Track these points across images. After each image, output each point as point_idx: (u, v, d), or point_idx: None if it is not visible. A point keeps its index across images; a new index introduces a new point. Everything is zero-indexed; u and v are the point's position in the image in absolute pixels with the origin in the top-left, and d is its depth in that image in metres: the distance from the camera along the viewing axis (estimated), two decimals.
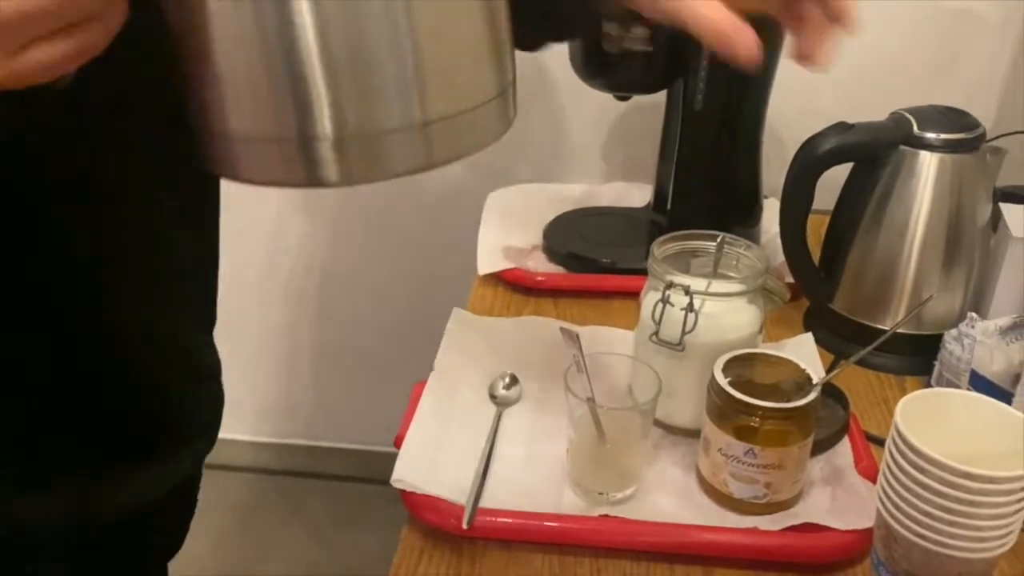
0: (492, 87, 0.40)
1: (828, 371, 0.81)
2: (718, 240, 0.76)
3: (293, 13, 0.35)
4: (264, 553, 1.63)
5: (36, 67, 0.36)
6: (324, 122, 0.36)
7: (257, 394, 1.69)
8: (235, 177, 0.39)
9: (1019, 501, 0.49)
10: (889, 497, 0.53)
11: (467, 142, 0.39)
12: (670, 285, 0.72)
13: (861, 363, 0.87)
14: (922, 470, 0.50)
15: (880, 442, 0.77)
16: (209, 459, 0.74)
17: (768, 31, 0.51)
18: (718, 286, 0.73)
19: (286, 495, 1.75)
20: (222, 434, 0.71)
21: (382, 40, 0.36)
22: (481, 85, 0.40)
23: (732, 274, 0.76)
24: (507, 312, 0.96)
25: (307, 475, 1.76)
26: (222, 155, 0.39)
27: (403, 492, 0.67)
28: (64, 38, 0.36)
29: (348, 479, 1.73)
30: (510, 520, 0.66)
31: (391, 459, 0.69)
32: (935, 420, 0.53)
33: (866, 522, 0.65)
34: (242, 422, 1.72)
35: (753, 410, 0.66)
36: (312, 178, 0.37)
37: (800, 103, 1.11)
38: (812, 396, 0.66)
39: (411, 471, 0.68)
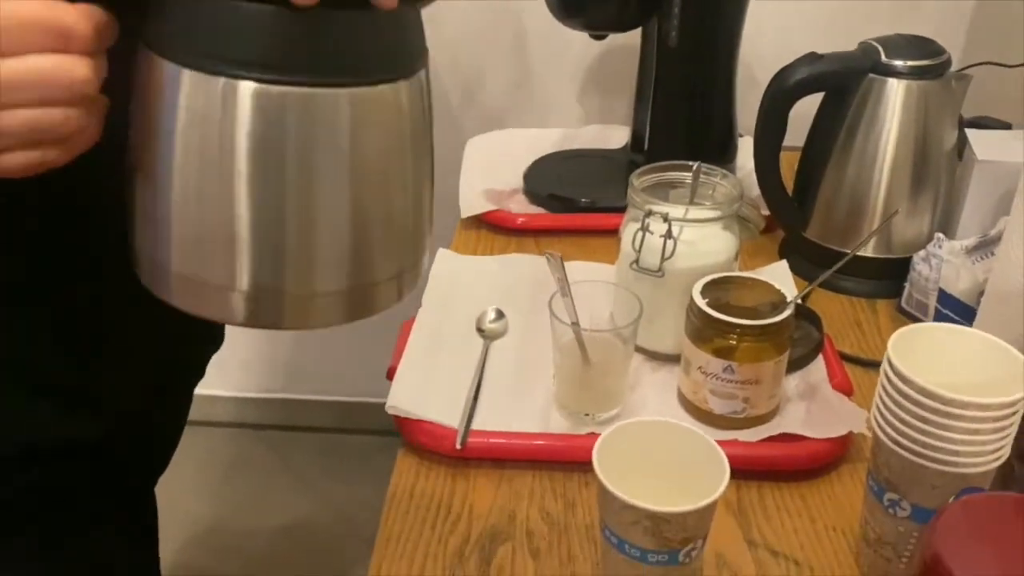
0: (388, 269, 0.43)
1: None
2: (694, 168, 0.78)
3: (235, 196, 0.38)
4: (256, 506, 1.66)
5: (8, 171, 0.38)
6: (243, 278, 0.39)
7: (239, 349, 1.71)
8: (157, 295, 0.42)
9: (993, 422, 0.51)
10: (880, 411, 0.55)
11: (357, 312, 0.43)
12: (649, 213, 0.74)
13: (835, 288, 0.91)
14: (903, 393, 0.52)
15: (854, 360, 0.81)
16: (193, 415, 0.77)
17: None
18: (695, 212, 0.75)
19: (273, 449, 1.77)
20: (206, 391, 0.73)
21: (303, 220, 0.39)
22: (379, 265, 0.43)
23: (709, 203, 0.79)
24: (490, 253, 0.98)
25: (293, 428, 1.78)
26: (154, 280, 0.42)
27: (397, 418, 0.70)
28: (29, 150, 0.38)
29: (334, 431, 1.76)
30: (501, 440, 0.69)
31: (377, 410, 0.71)
32: (930, 352, 0.55)
33: (840, 431, 0.68)
34: (226, 378, 1.74)
35: (730, 329, 0.69)
36: (224, 318, 0.41)
37: (773, 40, 1.13)
38: (786, 314, 0.69)
39: (404, 398, 0.71)
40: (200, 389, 0.77)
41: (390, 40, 0.39)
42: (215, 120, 0.37)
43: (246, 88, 0.36)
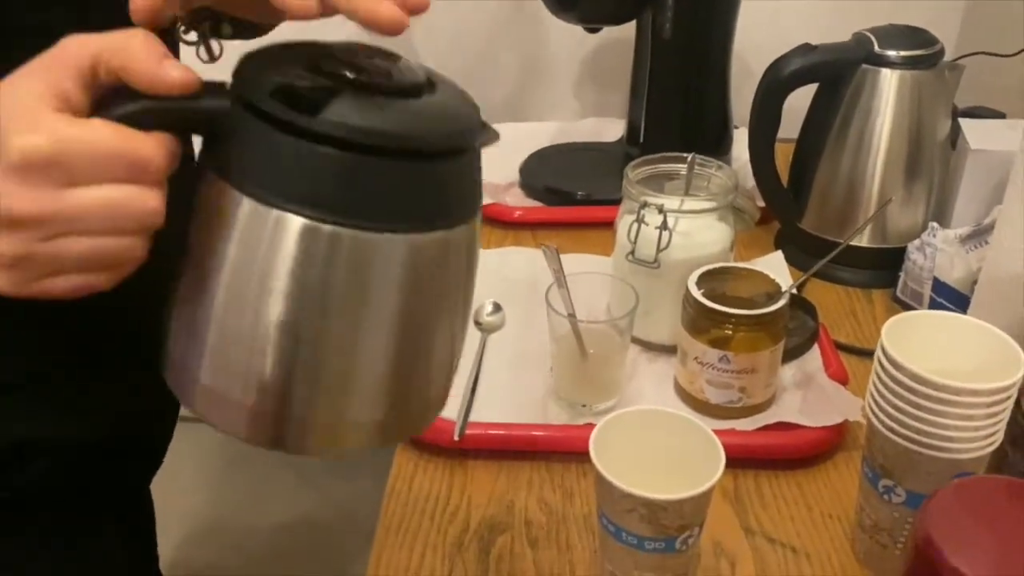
0: (421, 401, 0.42)
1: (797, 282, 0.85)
2: (689, 159, 0.79)
3: (274, 323, 0.37)
4: (255, 502, 1.66)
5: (39, 293, 0.37)
6: (271, 402, 0.39)
7: None
8: (184, 404, 0.41)
9: (985, 408, 0.52)
10: (874, 398, 0.56)
11: (387, 440, 0.42)
12: (644, 205, 0.75)
13: (830, 278, 0.91)
14: (896, 379, 0.53)
15: (849, 350, 0.81)
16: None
17: None
18: (690, 203, 0.76)
19: None
20: None
21: (340, 357, 0.39)
22: (413, 399, 0.42)
23: (704, 194, 0.79)
24: (487, 246, 0.98)
25: None
26: (181, 386, 0.41)
27: None
28: (80, 275, 0.37)
29: None
30: (499, 432, 0.70)
31: None
32: (924, 339, 0.56)
33: (835, 419, 0.69)
34: None
35: (726, 319, 0.69)
36: (247, 437, 0.40)
37: (767, 31, 1.13)
38: (781, 303, 0.70)
39: None
40: None
41: (448, 186, 0.39)
42: (265, 249, 0.36)
43: (297, 223, 0.36)
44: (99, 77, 0.36)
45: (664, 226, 0.74)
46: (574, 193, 1.04)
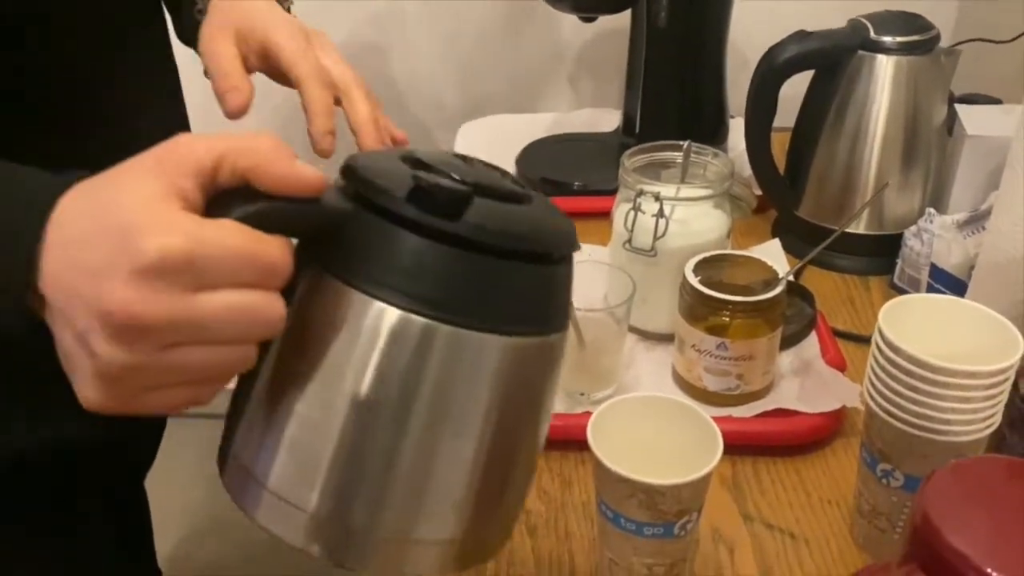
0: (499, 519, 0.41)
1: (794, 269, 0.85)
2: (685, 147, 0.79)
3: (355, 418, 0.36)
4: None
5: (134, 410, 0.35)
6: (340, 510, 0.37)
7: None
8: (240, 507, 0.40)
9: (983, 390, 0.52)
10: (872, 382, 0.56)
11: (461, 563, 0.40)
12: (640, 193, 0.75)
13: (828, 266, 0.91)
14: (894, 362, 0.53)
15: (847, 336, 0.81)
16: (193, 408, 0.76)
17: None
18: (687, 191, 0.76)
19: None
20: None
21: (419, 460, 0.37)
22: (491, 516, 0.40)
23: (700, 182, 0.79)
24: None
25: None
26: (242, 490, 0.39)
27: None
28: (188, 388, 0.35)
29: None
30: None
31: None
32: (921, 323, 0.55)
33: (833, 405, 0.69)
34: None
35: (723, 306, 0.69)
36: (309, 549, 0.38)
37: (762, 19, 1.12)
38: (778, 289, 0.70)
39: None
40: None
41: (556, 292, 0.39)
42: (372, 345, 0.36)
43: (418, 322, 0.35)
44: (218, 178, 0.34)
45: (661, 214, 0.74)
46: (570, 184, 1.04)
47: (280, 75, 0.59)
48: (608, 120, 1.18)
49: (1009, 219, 0.70)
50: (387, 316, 0.35)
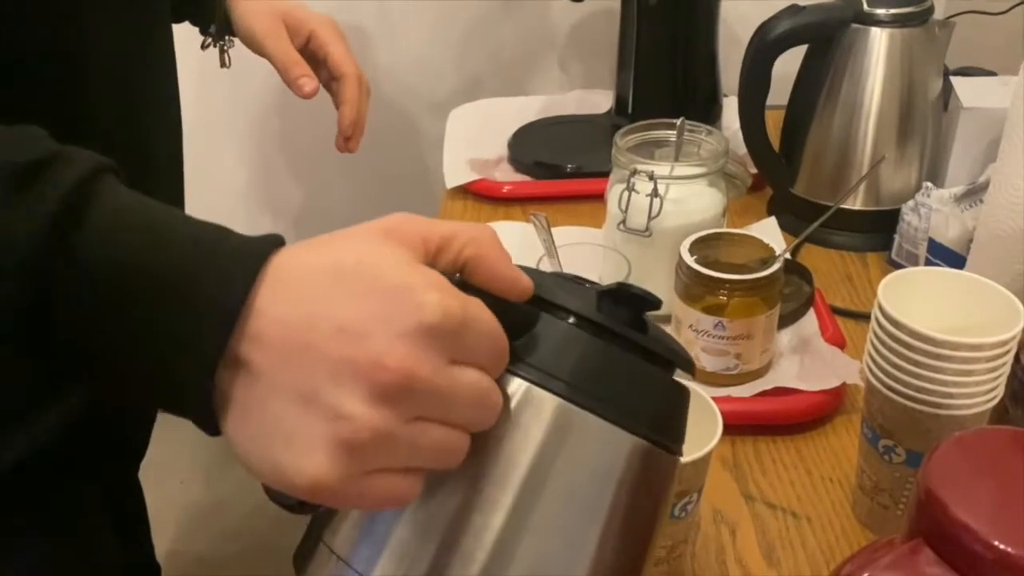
0: None
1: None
2: (678, 124, 0.78)
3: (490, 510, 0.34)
4: (255, 489, 1.62)
5: (355, 495, 0.31)
6: None
7: None
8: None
9: (985, 363, 0.51)
10: (872, 357, 0.55)
11: None
12: (634, 172, 0.74)
13: (825, 243, 0.90)
14: (894, 336, 0.52)
15: (845, 313, 0.80)
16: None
17: None
18: (681, 169, 0.75)
19: None
20: None
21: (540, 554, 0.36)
22: None
23: (694, 160, 0.78)
24: (478, 222, 0.97)
25: None
26: (308, 552, 0.38)
27: None
28: (402, 476, 0.32)
29: None
30: None
31: None
32: (921, 296, 0.55)
33: (833, 383, 0.68)
34: None
35: (719, 285, 0.68)
36: None
37: None
38: (775, 267, 0.69)
39: None
40: None
41: (685, 413, 0.40)
42: (543, 443, 0.34)
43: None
44: (439, 259, 0.33)
45: (655, 193, 0.73)
46: (563, 166, 1.03)
47: (316, 63, 0.73)
48: (600, 101, 1.17)
49: (1008, 191, 0.69)
50: (571, 417, 0.35)
